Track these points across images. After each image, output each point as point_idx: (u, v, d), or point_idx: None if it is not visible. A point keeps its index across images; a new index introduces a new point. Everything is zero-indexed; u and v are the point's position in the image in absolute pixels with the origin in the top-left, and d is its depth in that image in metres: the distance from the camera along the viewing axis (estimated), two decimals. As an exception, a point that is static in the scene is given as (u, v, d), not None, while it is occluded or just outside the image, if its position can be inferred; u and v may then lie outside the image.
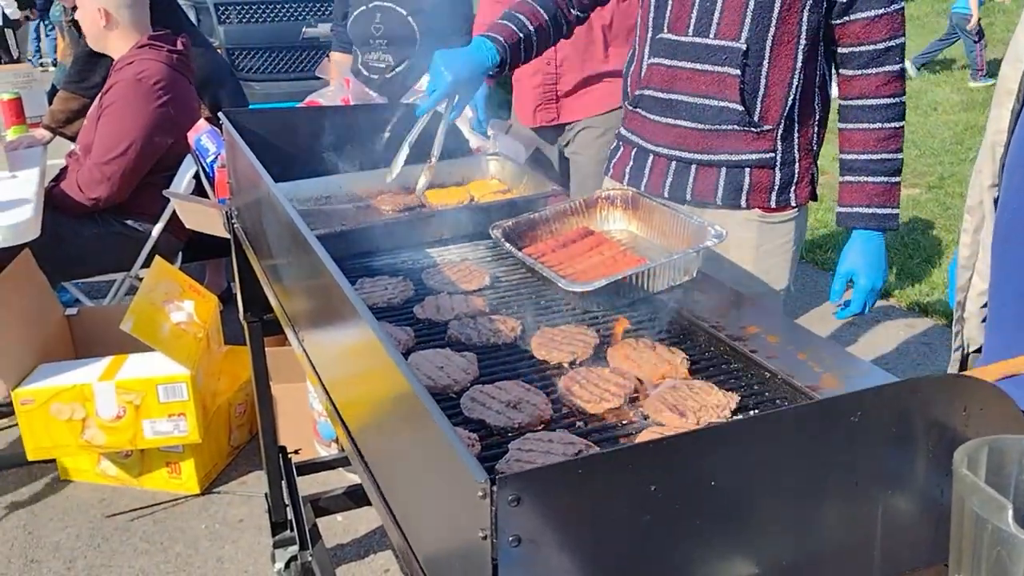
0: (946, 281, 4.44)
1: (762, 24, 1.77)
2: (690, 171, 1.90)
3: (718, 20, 1.79)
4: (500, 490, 0.70)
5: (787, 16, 1.76)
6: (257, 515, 2.83)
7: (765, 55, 1.79)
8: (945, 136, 7.14)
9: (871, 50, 1.80)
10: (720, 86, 1.81)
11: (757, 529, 0.82)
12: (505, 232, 1.69)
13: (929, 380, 0.84)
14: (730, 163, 1.87)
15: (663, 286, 1.55)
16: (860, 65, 1.82)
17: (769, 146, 1.85)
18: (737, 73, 1.79)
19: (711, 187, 1.89)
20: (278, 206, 1.53)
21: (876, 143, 1.83)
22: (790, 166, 1.88)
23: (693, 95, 1.84)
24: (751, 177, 1.87)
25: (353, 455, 1.24)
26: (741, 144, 1.85)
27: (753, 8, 1.76)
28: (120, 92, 3.29)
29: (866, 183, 1.84)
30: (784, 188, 1.89)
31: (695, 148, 1.88)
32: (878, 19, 1.77)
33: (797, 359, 1.30)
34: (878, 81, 1.81)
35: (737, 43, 1.78)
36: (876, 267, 1.87)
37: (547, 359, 1.37)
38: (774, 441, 0.80)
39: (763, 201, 1.89)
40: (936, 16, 11.12)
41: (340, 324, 1.28)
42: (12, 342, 2.81)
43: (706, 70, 1.82)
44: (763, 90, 1.81)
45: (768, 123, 1.83)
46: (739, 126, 1.83)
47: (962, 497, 0.74)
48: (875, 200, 1.84)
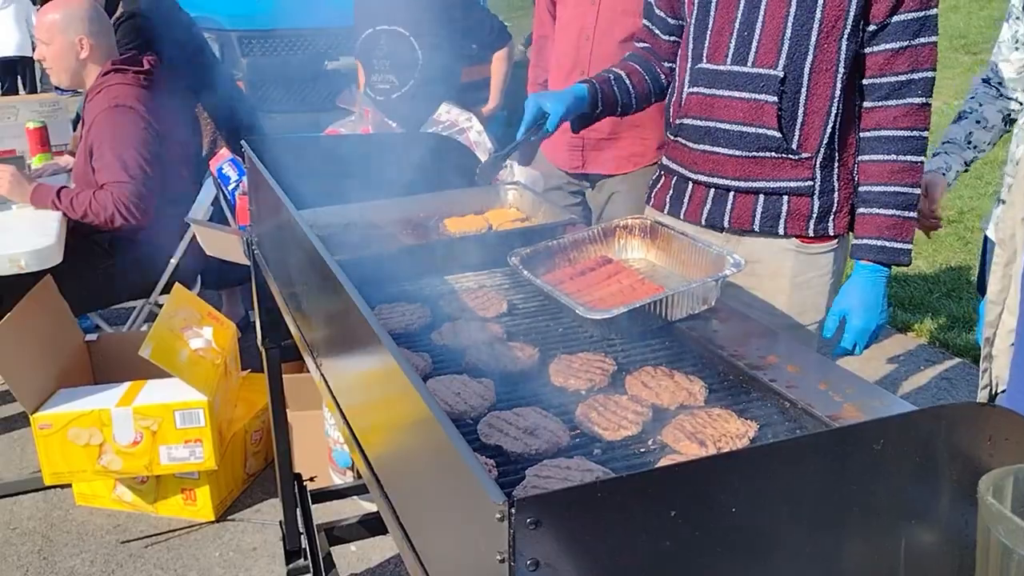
0: (966, 316, 4.41)
1: (799, 52, 1.78)
2: (728, 198, 1.92)
3: (756, 48, 1.81)
4: (518, 513, 0.70)
5: (825, 44, 1.77)
6: (271, 543, 2.82)
7: (803, 83, 1.80)
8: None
9: (892, 81, 1.80)
10: (758, 113, 1.82)
11: (777, 558, 0.81)
12: (523, 259, 1.69)
13: (953, 408, 0.83)
14: (768, 190, 1.88)
15: (682, 314, 1.54)
16: (880, 96, 1.82)
17: (808, 174, 1.85)
18: (775, 100, 1.80)
19: (748, 213, 1.90)
20: (299, 231, 1.54)
21: (890, 175, 1.82)
22: (829, 195, 1.88)
23: (731, 122, 1.86)
24: (789, 204, 1.88)
25: (371, 481, 1.24)
26: (779, 171, 1.86)
27: (790, 36, 1.78)
28: (103, 124, 3.27)
29: (877, 215, 1.83)
30: (823, 217, 1.89)
31: (733, 175, 1.89)
32: (901, 51, 1.78)
33: (818, 389, 1.29)
34: (896, 113, 1.81)
35: (774, 71, 1.80)
36: (872, 307, 1.84)
37: (564, 386, 1.36)
38: (794, 468, 0.79)
39: (801, 229, 1.89)
40: (953, 52, 11.14)
41: (359, 349, 1.28)
42: (32, 367, 2.83)
43: (744, 97, 1.83)
44: (801, 118, 1.82)
45: (807, 151, 1.84)
46: (776, 153, 1.84)
47: (988, 526, 0.73)
48: (885, 233, 1.82)
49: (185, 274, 3.54)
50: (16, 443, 3.40)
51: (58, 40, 3.36)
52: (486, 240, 1.93)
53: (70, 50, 3.37)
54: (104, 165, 3.25)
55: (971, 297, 4.65)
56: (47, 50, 3.40)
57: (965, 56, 10.51)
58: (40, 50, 3.44)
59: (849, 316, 1.85)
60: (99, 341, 3.26)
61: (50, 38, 3.37)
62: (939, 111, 8.81)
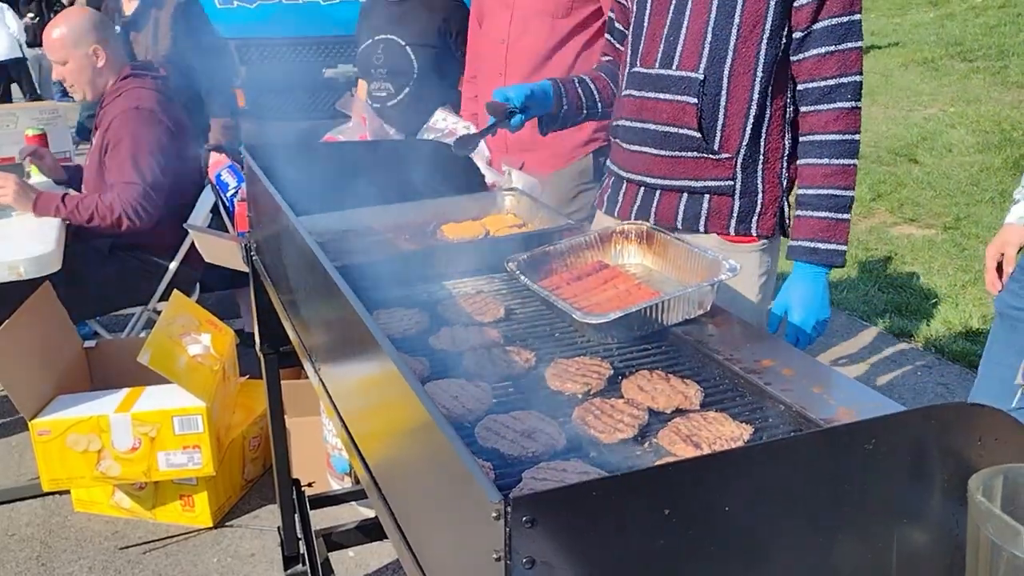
0: (963, 322, 4.42)
1: (719, 55, 1.86)
2: (655, 196, 2.00)
3: (680, 52, 1.89)
4: (514, 511, 0.71)
5: (743, 48, 1.84)
6: (270, 549, 2.82)
7: (723, 85, 1.87)
8: (960, 177, 7.14)
9: (821, 86, 1.85)
10: (680, 114, 1.90)
11: (771, 558, 0.82)
12: (520, 265, 1.70)
13: (943, 409, 0.84)
14: (690, 188, 1.95)
15: (677, 319, 1.55)
16: (812, 101, 1.87)
17: (728, 174, 1.92)
18: (695, 101, 1.88)
19: (672, 211, 1.98)
20: (298, 238, 1.55)
21: (823, 178, 1.86)
22: (751, 196, 1.94)
23: (657, 123, 1.94)
24: (710, 203, 1.95)
25: (369, 486, 1.24)
26: (701, 171, 1.93)
27: (711, 40, 1.86)
28: (121, 124, 3.29)
29: (810, 217, 1.88)
30: (744, 217, 1.95)
31: (658, 173, 1.97)
32: (829, 56, 1.83)
33: (812, 392, 1.30)
34: (827, 117, 1.85)
35: (695, 73, 1.87)
36: (811, 304, 1.89)
37: (561, 389, 1.37)
38: (787, 467, 0.80)
39: (721, 227, 1.96)
40: (949, 59, 11.18)
41: (358, 354, 1.29)
42: (30, 373, 2.83)
43: (668, 99, 1.92)
44: (722, 119, 1.89)
45: (727, 151, 1.91)
46: (697, 152, 1.91)
47: (977, 524, 0.74)
48: (818, 235, 1.87)
49: (184, 281, 3.55)
50: (15, 449, 3.40)
51: (73, 56, 3.36)
52: (483, 246, 1.94)
53: (87, 63, 3.39)
54: (116, 164, 3.27)
55: (967, 303, 4.66)
56: (64, 69, 3.40)
57: (961, 63, 10.56)
58: (57, 71, 3.43)
59: (789, 312, 1.91)
60: (98, 348, 3.26)
61: (64, 56, 3.37)
62: (935, 118, 8.85)
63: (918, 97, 9.40)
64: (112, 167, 3.29)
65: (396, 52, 3.46)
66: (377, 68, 3.51)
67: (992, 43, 10.80)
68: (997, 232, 2.29)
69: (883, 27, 12.28)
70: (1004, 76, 9.85)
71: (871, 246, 5.50)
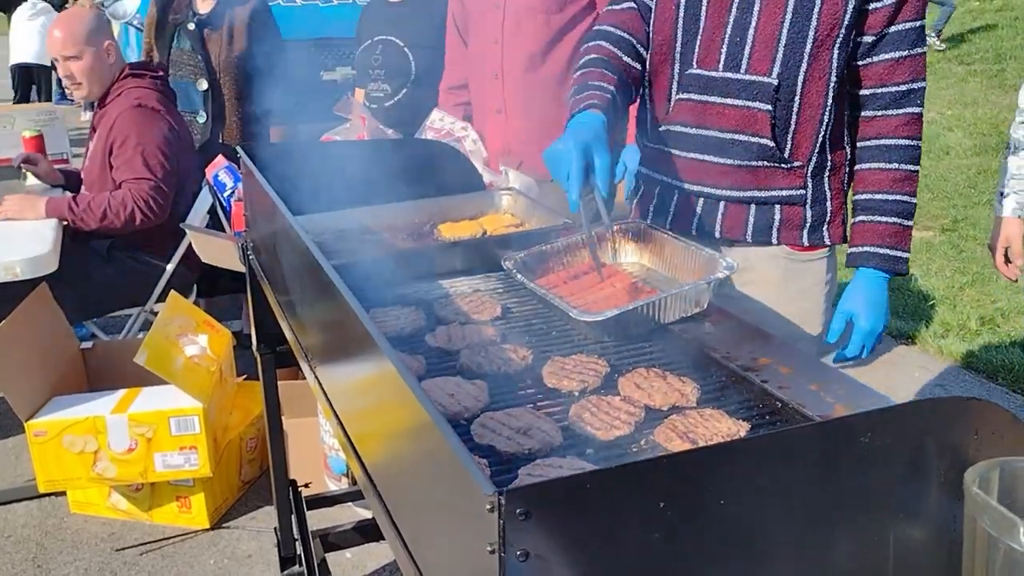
0: (960, 323, 4.42)
1: (794, 59, 1.75)
2: (719, 208, 1.87)
3: (748, 55, 1.77)
4: (508, 503, 0.70)
5: (819, 53, 1.74)
6: (267, 550, 2.81)
7: (797, 91, 1.77)
8: (958, 180, 7.15)
9: (893, 92, 1.78)
10: (751, 121, 1.78)
11: (766, 550, 0.81)
12: (517, 264, 1.70)
13: (939, 402, 0.83)
14: (759, 199, 1.84)
15: (674, 317, 1.55)
16: (881, 106, 1.80)
17: (800, 183, 1.83)
18: (768, 108, 1.76)
19: (741, 224, 1.87)
20: (295, 237, 1.55)
21: (892, 184, 1.80)
22: (821, 204, 1.86)
23: (722, 130, 1.81)
24: (782, 214, 1.85)
25: (366, 486, 1.24)
26: (771, 181, 1.83)
27: (785, 44, 1.74)
28: (126, 122, 3.29)
29: (879, 223, 1.81)
30: (816, 226, 1.87)
31: (724, 184, 1.85)
32: (902, 61, 1.76)
33: (809, 390, 1.30)
34: (898, 122, 1.79)
35: (768, 78, 1.76)
36: (877, 310, 1.82)
37: (558, 387, 1.37)
38: (783, 461, 0.80)
39: (795, 238, 1.87)
40: (947, 62, 11.19)
41: (354, 352, 1.28)
42: (27, 374, 2.83)
43: (736, 105, 1.79)
44: (794, 126, 1.79)
45: (798, 159, 1.81)
46: (769, 162, 1.81)
47: (974, 517, 0.74)
48: (886, 241, 1.81)
49: (181, 282, 3.54)
50: (11, 451, 3.40)
51: (87, 52, 3.35)
52: (481, 244, 1.93)
53: (100, 59, 3.39)
54: (125, 162, 3.27)
55: (965, 305, 4.67)
56: (78, 65, 3.36)
57: (959, 67, 10.58)
58: (66, 67, 3.37)
59: (856, 318, 1.82)
60: (94, 349, 3.26)
61: (79, 51, 3.34)
62: (933, 121, 8.85)
63: (916, 100, 9.40)
64: (120, 165, 3.29)
65: (394, 53, 3.47)
66: (375, 69, 3.52)
67: (989, 46, 10.82)
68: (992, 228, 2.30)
69: (881, 30, 12.30)
70: (1001, 79, 9.87)
71: (869, 248, 5.50)
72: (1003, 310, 4.57)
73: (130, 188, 3.23)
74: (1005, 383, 3.91)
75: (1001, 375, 3.96)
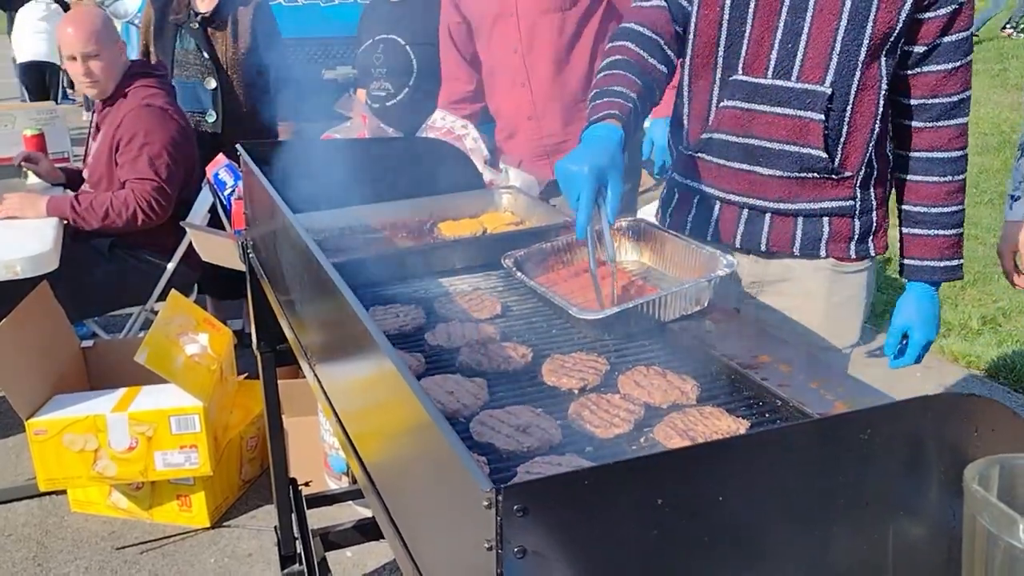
0: (962, 323, 4.42)
1: (848, 68, 1.69)
2: (764, 220, 1.82)
3: (801, 62, 1.70)
4: (505, 500, 0.70)
5: (872, 62, 1.69)
6: (267, 549, 2.81)
7: (849, 100, 1.71)
8: (960, 180, 7.15)
9: (945, 103, 1.74)
10: (803, 132, 1.72)
11: (765, 547, 0.81)
12: (517, 262, 1.70)
13: (939, 399, 0.83)
14: (808, 212, 1.80)
15: (675, 315, 1.55)
16: (933, 117, 1.76)
17: (849, 194, 1.78)
18: (821, 119, 1.70)
19: (788, 236, 1.82)
20: (294, 235, 1.54)
21: (946, 196, 1.79)
22: (868, 215, 1.83)
23: (771, 140, 1.75)
24: (831, 226, 1.81)
25: (365, 485, 1.24)
26: (821, 192, 1.78)
27: (840, 51, 1.68)
28: (134, 121, 3.29)
29: (937, 236, 1.81)
30: (863, 238, 1.84)
31: (771, 196, 1.79)
32: (955, 72, 1.72)
33: (809, 387, 1.30)
34: (950, 134, 1.77)
35: (822, 87, 1.70)
36: (931, 321, 1.84)
37: (557, 385, 1.37)
38: (782, 458, 0.79)
39: (842, 251, 1.83)
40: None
41: (354, 350, 1.28)
42: (27, 372, 2.83)
43: (788, 114, 1.72)
44: (845, 136, 1.74)
45: (848, 170, 1.76)
46: (820, 174, 1.75)
47: (973, 514, 0.73)
48: (946, 253, 1.81)
49: (182, 282, 3.54)
50: (11, 450, 3.40)
51: (104, 50, 3.34)
52: (481, 243, 1.93)
53: (117, 57, 3.40)
54: (129, 161, 3.27)
55: (966, 305, 4.66)
56: (97, 62, 3.33)
57: (961, 66, 10.54)
58: (82, 66, 3.32)
59: (912, 331, 1.84)
60: (95, 347, 3.26)
61: (99, 49, 3.32)
62: (935, 121, 8.85)
63: (918, 100, 9.40)
64: (125, 164, 3.29)
65: (396, 52, 3.47)
66: (377, 68, 3.52)
67: (991, 46, 10.81)
68: (999, 233, 2.28)
69: (883, 30, 12.29)
70: (1003, 79, 9.86)
71: (870, 248, 5.50)
72: (1005, 310, 4.57)
73: (133, 188, 3.23)
74: (1007, 383, 3.91)
75: (1003, 375, 3.95)
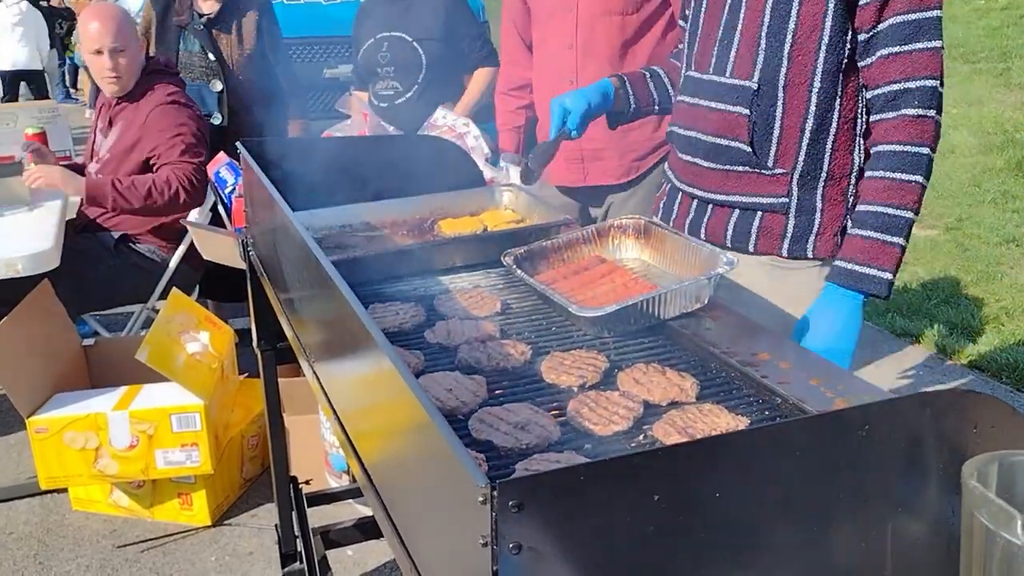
0: (964, 322, 4.40)
1: (773, 63, 1.70)
2: (707, 210, 1.88)
3: (734, 58, 1.75)
4: (501, 496, 0.70)
5: (799, 55, 1.68)
6: (267, 548, 2.81)
7: (778, 96, 1.72)
8: (963, 178, 7.12)
9: (885, 92, 1.67)
10: (731, 125, 1.76)
11: (762, 544, 0.81)
12: (517, 259, 1.70)
13: (938, 395, 0.83)
14: (743, 205, 1.82)
15: (674, 313, 1.54)
16: (877, 109, 1.69)
17: (783, 191, 1.77)
18: (746, 113, 1.73)
19: (722, 227, 1.86)
20: (292, 231, 1.54)
21: (875, 193, 1.67)
22: (808, 215, 1.77)
23: (707, 133, 1.81)
24: (762, 221, 1.81)
25: (364, 483, 1.24)
26: (752, 187, 1.79)
27: (765, 47, 1.70)
28: (161, 115, 3.34)
29: (855, 236, 1.68)
30: (800, 238, 1.79)
31: (709, 187, 1.85)
32: (892, 58, 1.64)
33: (809, 385, 1.29)
34: (888, 126, 1.67)
35: (749, 82, 1.73)
36: (830, 330, 1.68)
37: (556, 382, 1.36)
38: (779, 453, 0.79)
39: (774, 248, 1.81)
40: (952, 61, 11.17)
41: (352, 348, 1.28)
42: (28, 371, 2.83)
43: (719, 108, 1.78)
44: (777, 132, 1.74)
45: (782, 167, 1.75)
46: (749, 167, 1.78)
47: (971, 511, 0.73)
48: (858, 256, 1.66)
49: (184, 280, 3.54)
50: (12, 448, 3.40)
51: (130, 46, 3.37)
52: (481, 240, 1.93)
53: (138, 53, 3.43)
54: (165, 148, 3.30)
55: (969, 303, 4.65)
56: (124, 58, 3.35)
57: (964, 65, 10.54)
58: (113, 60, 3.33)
59: (807, 337, 1.70)
60: (96, 346, 3.26)
61: (124, 44, 3.34)
62: (938, 120, 8.82)
63: (921, 99, 9.37)
64: (161, 152, 3.31)
65: (403, 48, 3.44)
66: (384, 67, 3.48)
67: (995, 45, 10.78)
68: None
69: (886, 29, 12.27)
70: (1007, 78, 9.83)
71: (873, 247, 5.49)
72: (1007, 309, 4.55)
73: (173, 169, 3.27)
74: (1009, 382, 3.90)
75: (1005, 374, 3.94)
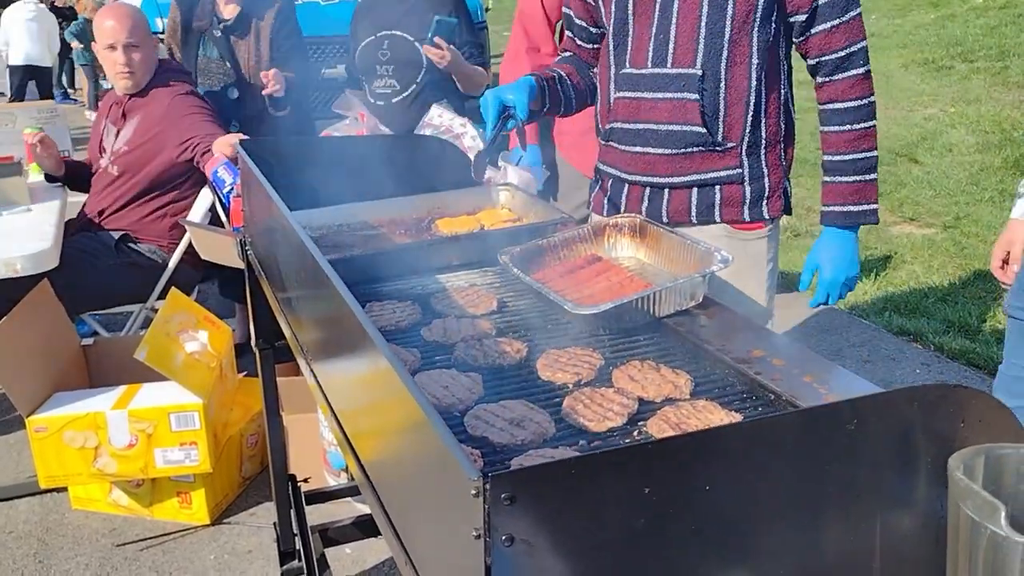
0: (962, 321, 4.41)
1: (714, 49, 1.89)
2: (663, 194, 2.01)
3: (673, 50, 1.91)
4: (493, 488, 0.71)
5: (738, 38, 1.88)
6: (266, 546, 2.82)
7: (721, 77, 1.90)
8: (960, 177, 7.14)
9: (834, 58, 1.91)
10: (682, 111, 1.92)
11: (752, 537, 0.82)
12: (513, 258, 1.71)
13: (927, 389, 0.84)
14: (700, 182, 1.98)
15: (669, 310, 1.55)
16: (827, 72, 1.93)
17: (735, 163, 1.96)
18: (696, 98, 1.90)
19: (685, 207, 2.00)
20: (289, 230, 1.55)
21: (847, 144, 1.94)
22: (759, 181, 1.98)
23: (658, 122, 1.95)
24: (722, 193, 1.98)
25: (362, 482, 1.24)
26: (708, 164, 1.96)
27: (705, 35, 1.88)
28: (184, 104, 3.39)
29: (840, 183, 1.95)
30: (756, 202, 1.99)
31: (665, 172, 1.98)
32: (835, 29, 1.89)
33: (802, 381, 1.30)
34: (843, 86, 1.92)
35: (693, 69, 1.90)
36: (841, 260, 1.98)
37: (552, 379, 1.38)
38: (769, 447, 0.80)
39: (736, 215, 2.00)
40: (950, 59, 11.17)
41: (349, 346, 1.29)
42: (28, 370, 2.84)
43: (667, 98, 1.93)
44: (723, 110, 1.92)
45: (731, 140, 1.94)
46: (704, 147, 1.94)
47: (957, 503, 0.74)
48: (849, 199, 1.94)
49: (184, 281, 3.55)
50: (12, 447, 3.41)
51: (144, 43, 3.40)
52: (477, 239, 1.94)
53: (151, 52, 3.45)
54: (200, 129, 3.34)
55: (966, 301, 4.66)
56: (138, 54, 3.39)
57: (962, 64, 10.54)
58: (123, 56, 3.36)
59: (821, 270, 1.99)
60: (95, 345, 3.27)
61: (139, 41, 3.38)
62: (936, 118, 8.84)
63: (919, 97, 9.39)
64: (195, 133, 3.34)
65: (404, 47, 3.44)
66: (383, 65, 3.48)
67: (993, 43, 10.79)
68: (999, 230, 2.31)
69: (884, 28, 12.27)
70: (1005, 76, 9.84)
71: (871, 245, 5.50)
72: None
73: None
74: (1006, 380, 3.90)
75: (1002, 372, 3.95)
